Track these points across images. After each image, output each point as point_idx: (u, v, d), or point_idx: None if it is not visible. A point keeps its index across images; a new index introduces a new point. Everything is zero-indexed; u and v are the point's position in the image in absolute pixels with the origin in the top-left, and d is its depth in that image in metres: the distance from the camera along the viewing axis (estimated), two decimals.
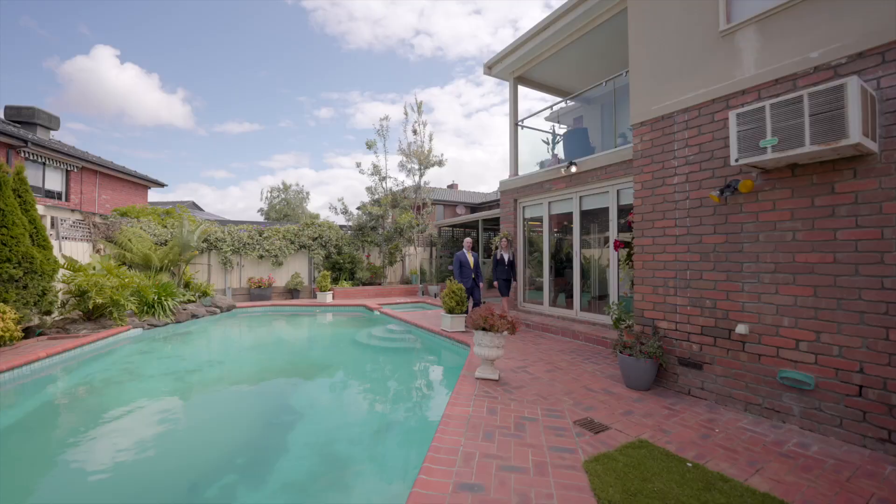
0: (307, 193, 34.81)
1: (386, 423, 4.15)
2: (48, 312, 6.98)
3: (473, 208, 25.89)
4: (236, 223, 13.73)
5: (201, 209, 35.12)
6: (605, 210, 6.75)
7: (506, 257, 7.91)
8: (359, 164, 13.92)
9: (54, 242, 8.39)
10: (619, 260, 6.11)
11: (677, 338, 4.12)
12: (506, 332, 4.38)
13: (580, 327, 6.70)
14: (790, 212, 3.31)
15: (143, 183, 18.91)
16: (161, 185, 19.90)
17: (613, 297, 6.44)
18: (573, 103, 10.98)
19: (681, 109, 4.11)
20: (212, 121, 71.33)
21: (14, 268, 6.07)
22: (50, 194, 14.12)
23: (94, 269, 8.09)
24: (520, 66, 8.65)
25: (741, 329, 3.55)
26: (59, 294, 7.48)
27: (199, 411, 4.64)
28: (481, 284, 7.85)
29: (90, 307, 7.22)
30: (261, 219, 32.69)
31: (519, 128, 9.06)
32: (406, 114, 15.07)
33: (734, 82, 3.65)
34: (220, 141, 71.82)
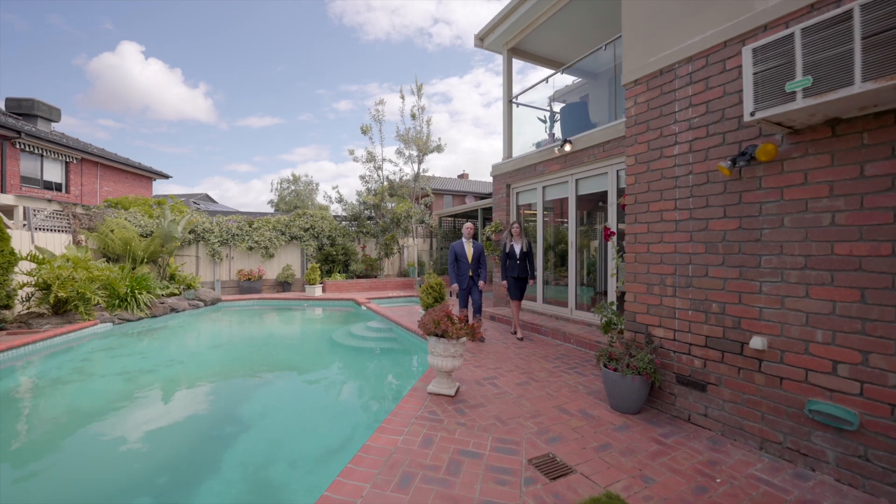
0: (317, 185, 34.53)
1: (331, 444, 3.53)
2: (7, 307, 6.65)
3: (483, 198, 24.97)
4: (225, 213, 13.34)
5: (215, 202, 35.43)
6: (604, 194, 5.85)
7: (517, 249, 5.91)
8: (352, 152, 13.26)
9: (26, 234, 8.09)
10: (617, 251, 5.23)
11: (676, 349, 3.27)
12: (464, 339, 3.63)
13: (573, 328, 5.87)
14: (828, 185, 2.41)
15: (147, 174, 18.85)
16: (165, 176, 19.83)
17: (613, 295, 5.57)
18: (578, 80, 9.96)
19: (684, 59, 3.20)
20: (233, 115, 72.58)
21: None
22: (49, 186, 14.09)
23: (67, 260, 7.75)
24: (513, 35, 7.73)
25: (757, 343, 2.69)
26: (25, 287, 7.16)
27: (136, 418, 4.17)
28: (481, 284, 5.92)
29: (51, 301, 6.85)
30: (271, 211, 32.64)
31: (514, 105, 8.15)
32: (403, 97, 14.29)
33: (753, 16, 2.74)
34: (242, 135, 73.10)
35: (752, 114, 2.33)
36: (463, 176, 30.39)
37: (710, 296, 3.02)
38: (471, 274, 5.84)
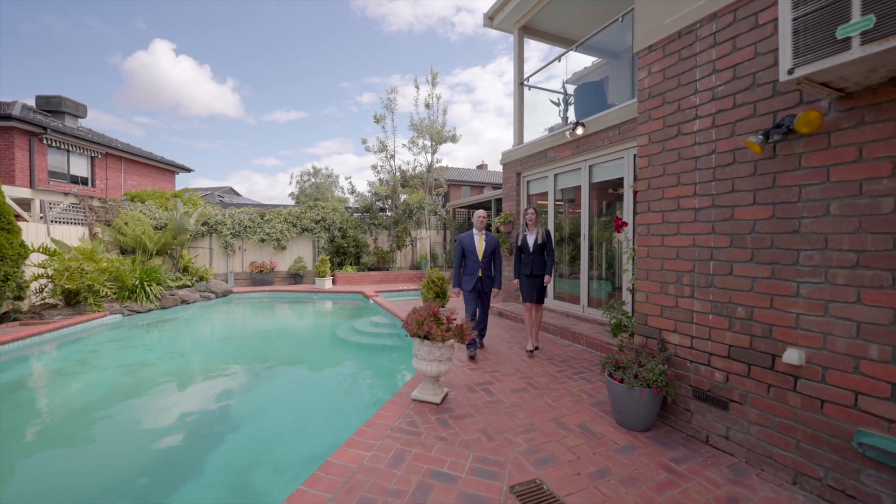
0: (336, 177, 34.65)
1: (318, 449, 3.33)
2: (19, 298, 6.78)
3: (500, 188, 24.38)
4: (238, 206, 13.41)
5: (239, 195, 36.20)
6: (620, 182, 5.33)
7: (530, 240, 4.77)
8: (364, 142, 13.01)
9: (42, 226, 8.26)
10: (632, 244, 4.73)
11: (693, 359, 2.81)
12: (451, 342, 3.29)
13: (583, 327, 5.41)
14: (891, 162, 1.90)
15: (170, 168, 19.28)
16: (187, 170, 20.25)
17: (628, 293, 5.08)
18: (598, 60, 9.30)
19: (707, 16, 2.69)
20: (260, 109, 74.53)
21: None
22: (75, 180, 14.54)
23: (79, 253, 7.87)
24: (524, 11, 7.19)
25: (792, 356, 2.22)
26: (39, 279, 7.29)
27: (127, 414, 4.12)
28: (494, 292, 4.78)
29: (59, 293, 6.95)
30: (292, 203, 32.97)
31: (525, 89, 7.64)
32: (418, 87, 13.88)
33: None
34: (269, 129, 75.09)
35: (790, 72, 1.84)
36: (482, 167, 29.79)
37: (735, 298, 2.54)
38: (480, 275, 4.64)
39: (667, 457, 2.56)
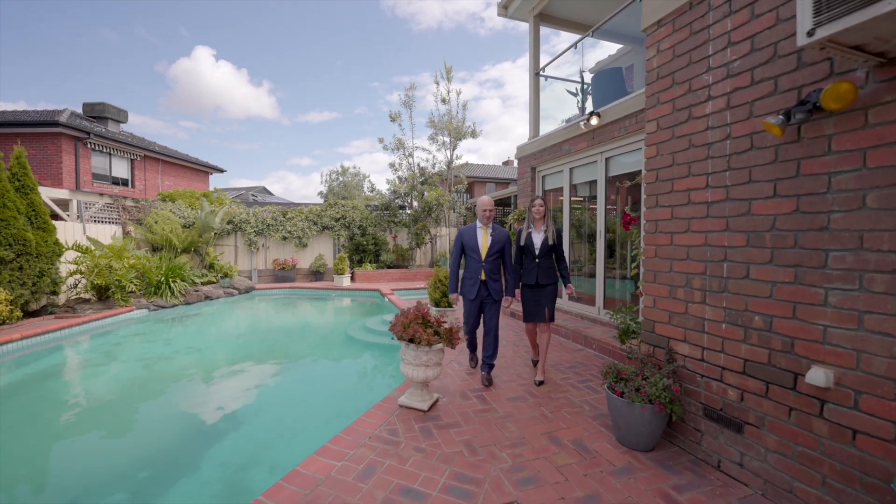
0: (364, 176, 35.15)
1: (312, 451, 3.31)
2: (54, 293, 7.19)
3: None
4: (262, 205, 13.75)
5: (272, 194, 37.48)
6: (638, 175, 4.93)
7: (536, 240, 3.78)
8: (381, 140, 12.99)
9: (78, 225, 8.76)
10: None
11: (703, 373, 2.49)
12: (440, 346, 3.10)
13: (597, 331, 5.07)
14: None
15: (203, 169, 20.13)
16: (220, 170, 21.08)
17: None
18: (621, 47, 8.77)
19: None
20: (295, 111, 77.32)
21: (4, 249, 6.17)
22: (116, 181, 15.42)
23: (112, 251, 8.28)
24: None
25: (818, 376, 1.87)
26: (73, 276, 7.71)
27: (138, 406, 4.25)
28: (507, 301, 3.89)
29: (88, 288, 7.32)
30: (322, 202, 33.69)
31: (541, 79, 7.28)
32: (437, 83, 13.72)
33: None
34: (303, 130, 77.94)
35: (809, 33, 1.51)
36: (507, 163, 29.27)
37: (752, 305, 2.20)
38: (483, 277, 3.74)
39: (668, 483, 2.26)
